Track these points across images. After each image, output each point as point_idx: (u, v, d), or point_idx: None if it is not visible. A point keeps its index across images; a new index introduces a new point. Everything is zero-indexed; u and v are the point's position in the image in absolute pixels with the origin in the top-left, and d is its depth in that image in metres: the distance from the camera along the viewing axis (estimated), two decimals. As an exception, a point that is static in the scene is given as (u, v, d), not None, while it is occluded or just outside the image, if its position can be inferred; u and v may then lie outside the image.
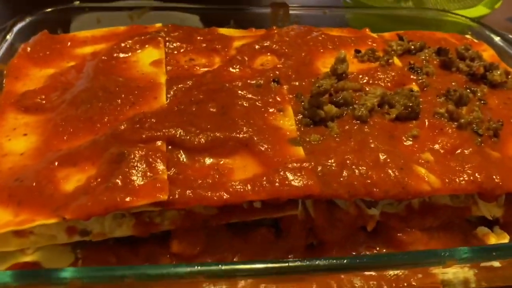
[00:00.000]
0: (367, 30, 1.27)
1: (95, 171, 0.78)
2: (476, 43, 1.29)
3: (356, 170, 0.81)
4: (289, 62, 1.05)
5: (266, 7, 1.37)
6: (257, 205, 0.81)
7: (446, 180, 0.83)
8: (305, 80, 1.01)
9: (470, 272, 0.80)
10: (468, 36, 1.35)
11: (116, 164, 0.77)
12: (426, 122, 0.93)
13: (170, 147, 0.82)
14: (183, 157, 0.81)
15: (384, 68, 1.06)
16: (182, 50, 1.11)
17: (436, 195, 0.85)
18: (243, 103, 0.92)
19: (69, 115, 0.90)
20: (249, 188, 0.76)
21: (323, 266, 0.70)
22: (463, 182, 0.83)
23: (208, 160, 0.81)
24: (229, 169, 0.80)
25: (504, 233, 0.90)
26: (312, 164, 0.80)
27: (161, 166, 0.77)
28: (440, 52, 1.16)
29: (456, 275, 0.80)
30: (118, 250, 0.80)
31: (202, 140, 0.82)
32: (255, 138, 0.83)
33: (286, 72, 1.02)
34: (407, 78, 1.04)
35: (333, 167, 0.81)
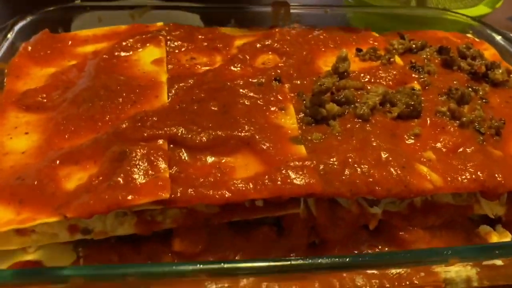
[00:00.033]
0: (368, 29, 1.27)
1: (97, 170, 0.78)
2: (478, 42, 1.29)
3: (358, 169, 0.80)
4: (291, 61, 1.05)
5: (267, 6, 1.37)
6: (259, 204, 0.81)
7: (448, 179, 0.82)
8: (307, 79, 1.00)
9: (473, 271, 0.80)
10: (470, 35, 1.35)
11: (118, 163, 0.77)
12: (428, 121, 0.93)
13: (172, 146, 0.81)
14: (185, 156, 0.81)
15: (386, 67, 1.06)
16: (183, 49, 1.11)
17: (439, 194, 0.85)
18: (245, 102, 0.91)
19: (71, 114, 0.90)
20: (251, 187, 0.76)
21: (325, 265, 0.69)
22: (465, 181, 0.83)
23: (210, 159, 0.81)
24: (231, 168, 0.80)
25: (506, 232, 0.90)
26: (314, 163, 0.80)
27: (163, 165, 0.77)
28: (442, 51, 1.15)
29: (459, 274, 0.79)
30: (120, 249, 0.80)
31: (204, 139, 0.82)
32: (257, 137, 0.83)
33: (288, 71, 1.01)
34: (409, 77, 1.04)
35: (335, 166, 0.81)
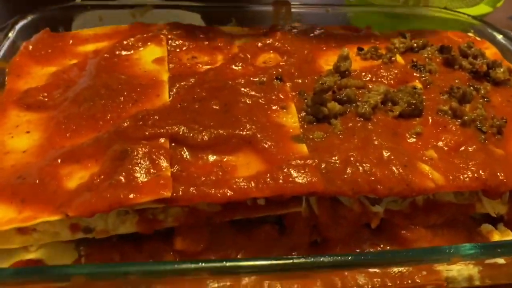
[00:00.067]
0: (370, 28, 1.27)
1: (98, 168, 0.78)
2: (479, 41, 1.29)
3: (360, 167, 0.80)
4: (292, 60, 1.05)
5: (268, 5, 1.37)
6: (261, 202, 0.81)
7: (450, 177, 0.82)
8: (308, 78, 1.00)
9: (475, 269, 0.80)
10: (471, 34, 1.35)
11: (119, 161, 0.77)
12: (430, 119, 0.93)
13: (173, 144, 0.81)
14: (187, 154, 0.81)
15: (387, 66, 1.06)
16: (185, 48, 1.11)
17: (440, 192, 0.85)
18: (246, 101, 0.91)
19: (72, 113, 0.90)
20: (253, 185, 0.76)
21: (327, 263, 0.69)
22: (467, 179, 0.82)
23: (212, 157, 0.81)
24: (233, 166, 0.80)
25: (508, 231, 0.90)
26: (316, 161, 0.80)
27: (165, 163, 0.77)
28: (443, 50, 1.15)
29: (461, 272, 0.79)
30: (122, 247, 0.79)
31: (205, 137, 0.82)
32: (258, 136, 0.83)
33: (289, 70, 1.01)
34: (410, 76, 1.04)
35: (337, 164, 0.81)
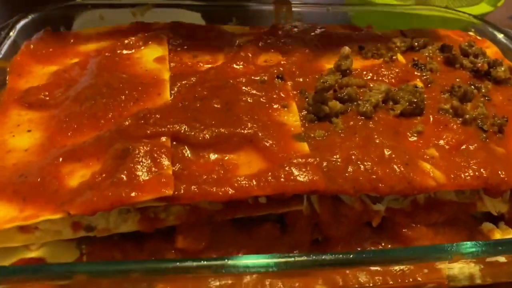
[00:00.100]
0: (370, 27, 1.27)
1: (100, 167, 0.78)
2: (480, 40, 1.29)
3: (361, 166, 0.80)
4: (293, 59, 1.05)
5: (269, 4, 1.37)
6: (262, 201, 0.81)
7: (451, 176, 0.82)
8: (309, 77, 1.00)
9: (476, 268, 0.80)
10: (472, 33, 1.35)
11: (121, 160, 0.77)
12: (431, 118, 0.93)
13: (175, 143, 0.81)
14: (188, 153, 0.81)
15: (388, 65, 1.06)
16: (186, 47, 1.11)
17: (442, 191, 0.85)
18: (247, 99, 0.91)
19: (73, 112, 0.90)
20: (254, 183, 0.76)
21: (329, 261, 0.69)
22: (469, 178, 0.83)
23: (213, 156, 0.81)
24: (234, 165, 0.80)
25: (509, 229, 0.90)
26: (317, 160, 0.80)
27: (166, 162, 0.77)
28: (444, 49, 1.15)
29: (462, 271, 0.79)
30: (123, 246, 0.79)
31: (207, 136, 0.82)
32: (260, 134, 0.83)
33: (290, 69, 1.01)
34: (411, 75, 1.04)
35: (338, 163, 0.81)
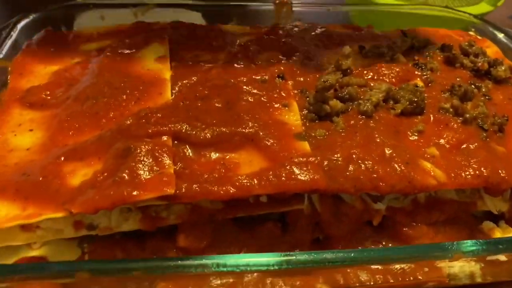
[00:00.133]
0: (371, 27, 1.27)
1: (102, 166, 0.78)
2: (480, 40, 1.29)
3: (362, 165, 0.81)
4: (294, 58, 1.05)
5: (269, 4, 1.37)
6: (263, 200, 0.81)
7: (452, 175, 0.83)
8: (310, 76, 1.01)
9: (476, 266, 0.80)
10: (472, 33, 1.35)
11: (123, 159, 0.77)
12: (431, 117, 0.93)
13: (176, 142, 0.82)
14: (189, 152, 0.81)
15: (389, 64, 1.06)
16: (186, 47, 1.11)
17: (442, 190, 0.85)
18: (248, 99, 0.91)
19: (75, 111, 0.90)
20: (256, 182, 0.76)
21: (330, 259, 0.70)
22: (469, 177, 0.83)
23: (214, 155, 0.81)
24: (235, 164, 0.80)
25: (510, 228, 0.90)
26: (318, 159, 0.80)
27: (168, 161, 0.77)
28: (444, 48, 1.16)
29: (462, 269, 0.80)
30: (125, 245, 0.80)
31: (208, 135, 0.82)
32: (261, 133, 0.83)
33: (291, 68, 1.02)
34: (412, 74, 1.05)
35: (339, 162, 0.81)
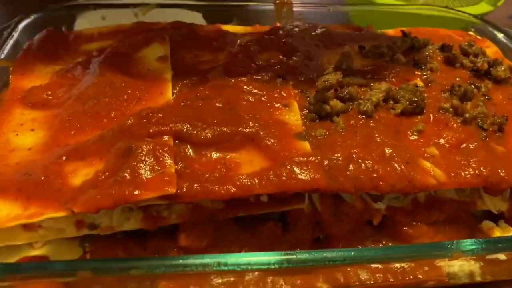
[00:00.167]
0: (371, 27, 1.27)
1: (103, 165, 0.78)
2: (480, 40, 1.29)
3: (362, 164, 0.81)
4: (294, 58, 1.05)
5: (270, 4, 1.38)
6: (264, 199, 0.81)
7: (452, 174, 0.83)
8: (310, 76, 1.01)
9: (476, 265, 0.80)
10: (472, 33, 1.36)
11: (124, 158, 0.77)
12: (431, 117, 0.93)
13: (177, 142, 0.82)
14: (190, 152, 0.81)
15: (389, 64, 1.07)
16: (187, 47, 1.11)
17: (442, 189, 0.85)
18: (249, 98, 0.92)
19: (76, 111, 0.90)
20: (256, 182, 0.76)
21: (330, 258, 0.70)
22: (469, 176, 0.83)
23: (215, 155, 0.81)
24: (236, 163, 0.80)
25: (509, 227, 0.91)
26: (319, 158, 0.80)
27: (169, 160, 0.77)
28: (444, 48, 1.16)
29: (462, 268, 0.80)
30: (126, 244, 0.80)
31: (209, 135, 0.83)
32: (261, 133, 0.84)
33: (291, 68, 1.02)
34: (412, 74, 1.05)
35: (340, 161, 0.81)
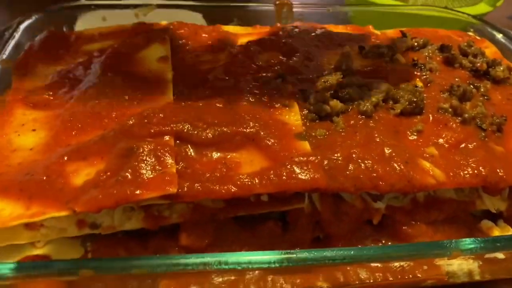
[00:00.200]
0: (371, 27, 1.28)
1: (104, 165, 0.78)
2: (479, 40, 1.30)
3: (362, 164, 0.81)
4: (294, 58, 1.06)
5: (270, 5, 1.38)
6: (264, 199, 0.82)
7: (451, 174, 0.84)
8: (310, 76, 1.01)
9: (475, 264, 0.81)
10: (471, 33, 1.36)
11: (125, 158, 0.78)
12: (431, 117, 0.94)
13: (178, 142, 0.82)
14: (191, 152, 0.82)
15: (388, 65, 1.07)
16: (188, 47, 1.12)
17: (441, 189, 0.86)
18: (249, 99, 0.92)
19: (77, 111, 0.91)
20: (257, 181, 0.77)
21: (330, 257, 0.70)
22: (468, 176, 0.84)
23: (216, 154, 0.82)
24: (236, 163, 0.81)
25: (508, 227, 0.91)
26: (319, 158, 0.81)
27: (170, 160, 0.78)
28: (443, 49, 1.17)
29: (461, 267, 0.81)
30: (127, 243, 0.81)
31: (210, 135, 0.83)
32: (262, 133, 0.84)
33: (291, 68, 1.02)
34: (411, 74, 1.05)
35: (339, 161, 0.82)
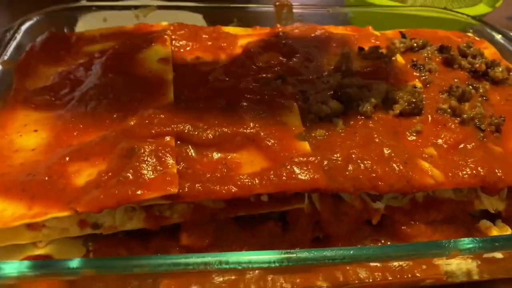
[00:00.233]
0: (370, 28, 1.29)
1: (106, 166, 0.79)
2: (478, 41, 1.31)
3: (361, 164, 0.82)
4: (294, 59, 1.07)
5: (270, 6, 1.39)
6: (264, 199, 0.82)
7: (450, 174, 0.84)
8: (310, 77, 1.02)
9: (473, 264, 0.81)
10: (470, 34, 1.37)
11: (127, 159, 0.78)
12: (429, 118, 0.95)
13: (179, 142, 0.83)
14: (192, 152, 0.83)
15: (387, 65, 1.07)
16: (188, 48, 1.13)
17: (440, 189, 0.86)
18: (250, 99, 0.93)
19: (79, 112, 0.91)
20: (257, 182, 0.77)
21: (330, 257, 0.71)
22: (466, 176, 0.84)
23: (216, 155, 0.83)
24: (237, 164, 0.81)
25: (506, 226, 0.92)
26: (318, 159, 0.81)
27: (171, 160, 0.78)
28: (442, 50, 1.17)
29: (459, 267, 0.81)
30: (129, 243, 0.81)
31: (210, 135, 0.84)
32: (262, 134, 0.85)
33: (291, 69, 1.03)
34: (410, 75, 1.06)
35: (339, 162, 0.82)
